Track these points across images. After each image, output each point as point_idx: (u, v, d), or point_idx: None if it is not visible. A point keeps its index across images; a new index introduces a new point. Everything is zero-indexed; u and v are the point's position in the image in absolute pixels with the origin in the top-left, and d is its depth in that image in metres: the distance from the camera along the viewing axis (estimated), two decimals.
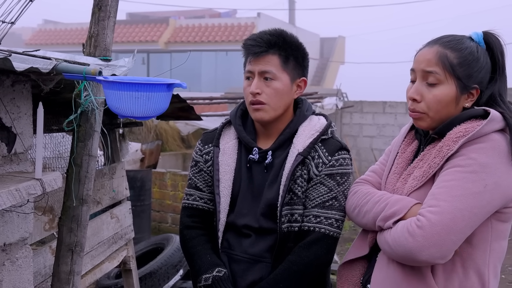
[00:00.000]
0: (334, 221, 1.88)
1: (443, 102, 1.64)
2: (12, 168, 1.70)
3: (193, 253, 2.01)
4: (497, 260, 1.66)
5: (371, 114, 12.07)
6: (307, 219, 1.89)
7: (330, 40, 29.13)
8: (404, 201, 1.65)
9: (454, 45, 1.66)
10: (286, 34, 1.94)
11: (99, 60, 1.97)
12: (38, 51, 1.76)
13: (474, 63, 1.64)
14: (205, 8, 31.97)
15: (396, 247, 1.58)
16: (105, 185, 3.20)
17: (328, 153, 1.92)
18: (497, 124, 1.59)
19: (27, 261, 1.78)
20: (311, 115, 2.02)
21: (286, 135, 1.96)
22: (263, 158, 1.95)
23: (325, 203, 1.89)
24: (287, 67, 1.91)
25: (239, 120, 2.03)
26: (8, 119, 1.66)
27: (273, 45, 1.89)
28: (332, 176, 1.91)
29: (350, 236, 7.79)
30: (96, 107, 1.97)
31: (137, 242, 5.29)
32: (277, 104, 1.91)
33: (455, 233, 1.52)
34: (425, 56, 1.67)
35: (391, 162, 1.85)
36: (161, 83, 1.47)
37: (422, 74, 1.67)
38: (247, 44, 1.92)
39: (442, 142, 1.63)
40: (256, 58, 1.89)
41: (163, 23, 24.50)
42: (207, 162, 2.06)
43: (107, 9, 2.02)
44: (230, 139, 2.03)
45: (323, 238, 1.87)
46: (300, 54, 1.95)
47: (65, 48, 23.45)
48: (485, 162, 1.55)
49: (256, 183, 1.96)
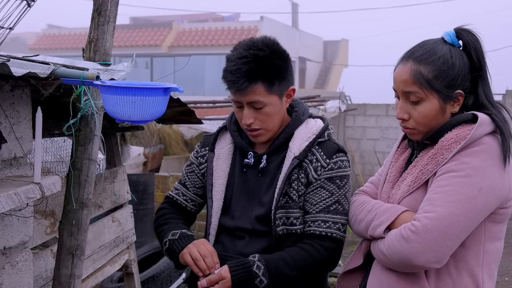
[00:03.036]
0: (340, 225, 1.89)
1: (429, 116, 1.66)
2: (12, 172, 1.71)
3: (164, 223, 2.03)
4: (492, 261, 1.66)
5: (374, 117, 12.06)
6: (316, 224, 1.88)
7: (333, 43, 29.15)
8: (392, 209, 1.66)
9: (426, 58, 1.64)
10: (263, 52, 1.83)
11: (98, 65, 1.98)
12: (37, 56, 1.77)
13: (450, 71, 1.63)
14: (208, 12, 32.05)
15: (391, 254, 1.58)
16: (107, 189, 3.22)
17: (326, 156, 1.92)
18: (487, 127, 1.60)
19: (27, 265, 1.79)
20: (308, 119, 2.01)
21: (281, 139, 1.95)
22: (258, 162, 1.96)
23: (329, 207, 1.89)
24: (273, 89, 1.86)
25: (234, 126, 2.04)
26: (8, 123, 1.67)
27: (254, 75, 1.82)
28: (332, 180, 1.90)
29: (353, 239, 7.78)
30: (95, 111, 1.98)
31: (139, 246, 5.30)
32: (271, 125, 1.91)
33: (451, 238, 1.53)
34: (401, 76, 1.67)
35: (386, 172, 1.87)
36: (157, 87, 1.48)
37: (403, 94, 1.68)
38: (228, 79, 1.85)
39: (435, 149, 1.64)
40: (242, 92, 1.84)
41: (166, 27, 24.56)
42: (200, 165, 2.08)
43: (106, 14, 2.03)
44: (226, 143, 2.05)
45: (335, 242, 1.88)
46: (282, 64, 1.88)
47: (69, 53, 23.55)
48: (478, 166, 1.55)
49: (250, 186, 1.96)
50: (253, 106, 1.87)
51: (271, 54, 1.86)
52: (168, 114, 3.25)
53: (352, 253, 1.89)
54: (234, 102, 1.91)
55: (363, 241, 1.82)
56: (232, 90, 1.86)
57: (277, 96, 1.89)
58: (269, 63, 1.84)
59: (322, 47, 28.95)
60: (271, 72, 1.85)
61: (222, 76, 1.88)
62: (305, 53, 26.12)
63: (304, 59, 26.39)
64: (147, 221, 6.25)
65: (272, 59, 1.86)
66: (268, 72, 1.84)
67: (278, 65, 1.87)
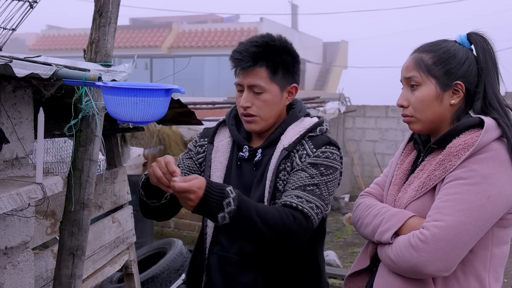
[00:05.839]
0: (314, 206, 1.81)
1: (425, 101, 1.68)
2: (14, 172, 1.72)
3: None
4: (498, 265, 1.66)
5: (373, 119, 12.06)
6: (289, 197, 1.82)
7: (333, 45, 29.16)
8: (399, 215, 1.66)
9: (429, 48, 1.71)
10: (274, 42, 1.91)
11: (100, 66, 1.99)
12: (39, 57, 1.78)
13: (451, 59, 1.67)
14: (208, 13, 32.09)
15: (399, 262, 1.58)
16: (107, 189, 3.22)
17: (314, 146, 1.90)
18: (494, 132, 1.59)
19: (29, 265, 1.80)
20: (305, 117, 2.02)
21: (277, 134, 1.96)
22: (252, 156, 1.96)
23: (305, 186, 1.83)
24: (275, 78, 1.90)
25: (233, 120, 2.05)
26: (10, 124, 1.68)
27: (260, 57, 1.87)
28: (316, 166, 1.87)
29: (352, 240, 7.80)
30: (96, 112, 1.99)
31: (139, 247, 5.31)
32: (267, 115, 1.93)
33: (460, 247, 1.52)
34: (405, 64, 1.74)
35: (391, 174, 1.86)
36: (159, 88, 1.49)
37: (405, 81, 1.73)
38: (234, 57, 1.91)
39: (443, 155, 1.63)
40: (244, 72, 1.89)
41: (166, 28, 24.57)
42: (198, 154, 2.08)
43: (107, 15, 2.04)
44: (225, 137, 2.05)
45: (305, 218, 1.79)
46: (290, 60, 1.93)
47: (68, 53, 23.55)
48: (487, 173, 1.54)
49: (246, 180, 1.96)
50: (253, 90, 1.90)
51: (282, 47, 1.92)
52: (168, 115, 3.26)
53: (358, 255, 1.89)
54: (236, 86, 1.95)
55: (369, 243, 1.82)
56: (236, 70, 1.91)
57: (278, 87, 1.92)
58: (277, 53, 1.90)
59: (321, 48, 28.96)
60: (277, 61, 1.89)
61: (230, 56, 1.93)
62: (304, 54, 26.10)
63: (303, 61, 26.31)
64: (147, 222, 6.25)
65: (282, 51, 1.91)
66: (274, 60, 1.89)
67: (285, 58, 1.92)
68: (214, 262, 1.97)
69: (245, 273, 1.92)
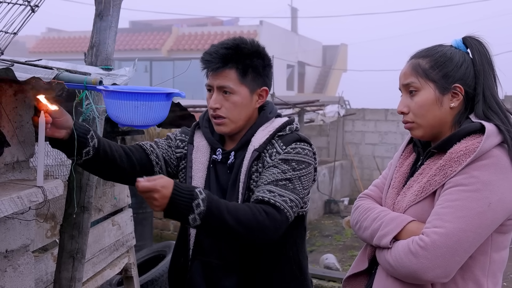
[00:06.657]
0: (288, 200, 1.81)
1: (425, 106, 1.68)
2: (14, 176, 1.72)
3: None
4: (497, 270, 1.65)
5: (373, 122, 12.08)
6: (261, 192, 1.81)
7: (333, 48, 29.18)
8: (399, 219, 1.65)
9: (425, 53, 1.72)
10: (245, 45, 1.92)
11: (100, 70, 2.00)
12: (40, 61, 1.79)
13: (448, 62, 1.67)
14: (208, 16, 32.07)
15: (398, 267, 1.58)
16: (107, 192, 3.23)
17: (284, 144, 1.91)
18: (495, 138, 1.59)
19: (29, 268, 1.80)
20: (275, 118, 2.02)
21: (248, 136, 1.97)
22: (226, 158, 1.97)
23: (278, 181, 1.83)
24: (245, 80, 1.91)
25: (207, 123, 2.06)
26: (11, 127, 1.68)
27: (230, 59, 1.88)
28: (287, 162, 1.87)
29: (352, 243, 7.80)
30: (97, 115, 1.99)
31: (139, 250, 5.31)
32: (236, 117, 1.93)
33: (460, 254, 1.52)
34: (402, 71, 1.75)
35: (390, 177, 1.86)
36: (160, 92, 1.50)
37: (403, 88, 1.73)
38: (205, 59, 1.92)
39: (443, 160, 1.63)
40: (214, 73, 1.90)
41: (165, 31, 24.59)
42: (177, 148, 2.08)
43: (108, 19, 2.05)
44: (203, 139, 2.06)
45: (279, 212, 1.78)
46: (261, 63, 1.95)
47: (68, 56, 23.56)
48: (488, 180, 1.54)
49: (221, 183, 1.96)
50: (223, 91, 1.91)
51: (253, 50, 1.94)
52: (168, 118, 3.25)
53: (356, 257, 1.89)
54: (206, 87, 1.96)
55: (368, 245, 1.81)
56: (206, 71, 1.92)
57: (247, 89, 1.93)
58: (248, 55, 1.91)
59: (321, 51, 28.98)
60: (247, 63, 1.91)
61: (200, 57, 1.94)
62: (304, 57, 26.16)
63: (303, 64, 26.42)
64: (146, 225, 6.25)
65: (252, 55, 1.93)
66: (244, 62, 1.90)
67: (256, 61, 1.93)
68: (197, 267, 1.97)
69: (227, 277, 1.92)
